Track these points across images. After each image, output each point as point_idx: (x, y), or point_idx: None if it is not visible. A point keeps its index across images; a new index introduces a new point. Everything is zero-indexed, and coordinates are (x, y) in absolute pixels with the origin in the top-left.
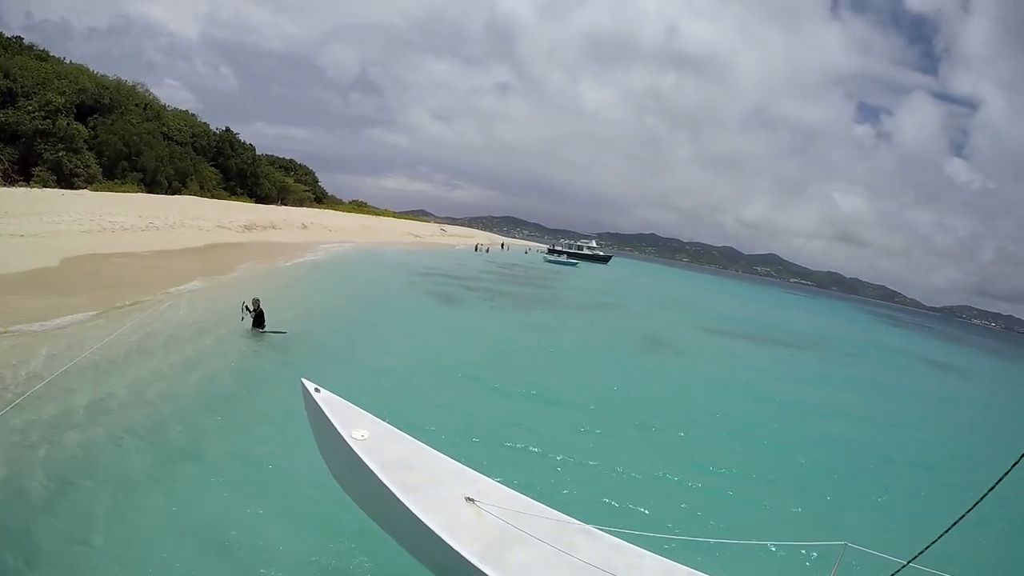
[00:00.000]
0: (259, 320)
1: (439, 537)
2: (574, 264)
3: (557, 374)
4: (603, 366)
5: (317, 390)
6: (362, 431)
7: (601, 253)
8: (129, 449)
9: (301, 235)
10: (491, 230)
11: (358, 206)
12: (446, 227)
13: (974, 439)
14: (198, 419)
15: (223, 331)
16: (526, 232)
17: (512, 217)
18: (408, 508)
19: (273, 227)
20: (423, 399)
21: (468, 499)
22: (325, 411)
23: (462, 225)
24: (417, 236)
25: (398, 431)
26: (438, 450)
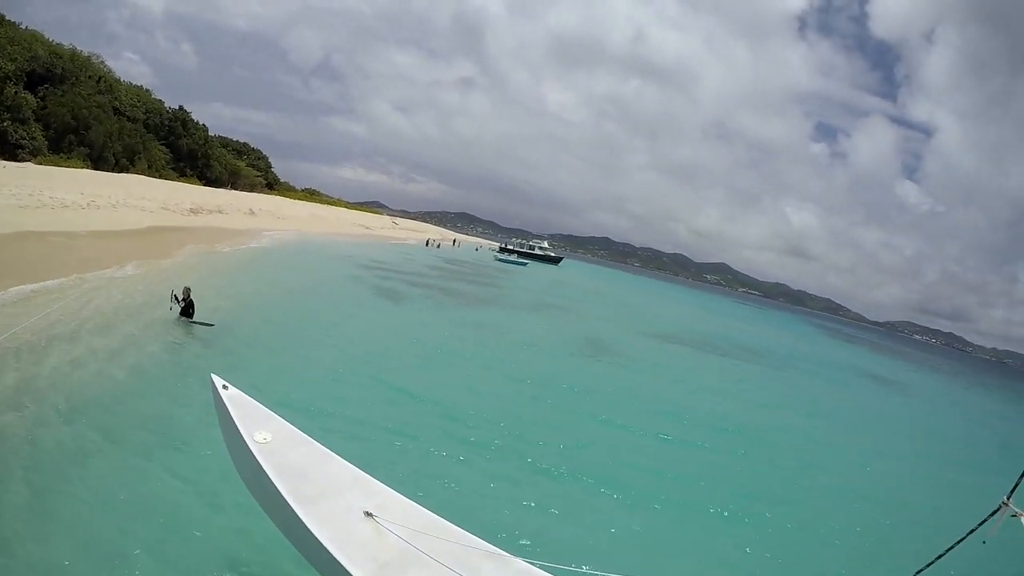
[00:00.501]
0: (188, 310)
1: (330, 554)
2: (524, 264)
3: (488, 380)
4: (539, 373)
5: (225, 387)
6: (265, 433)
7: (552, 254)
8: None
9: (248, 221)
10: (445, 225)
11: (310, 194)
12: (398, 220)
13: (923, 467)
14: (94, 418)
15: (145, 320)
16: (480, 229)
17: (467, 214)
18: (301, 519)
19: (219, 211)
20: (342, 401)
21: (367, 513)
22: (230, 410)
23: (416, 219)
24: (367, 228)
25: (303, 435)
26: (344, 457)
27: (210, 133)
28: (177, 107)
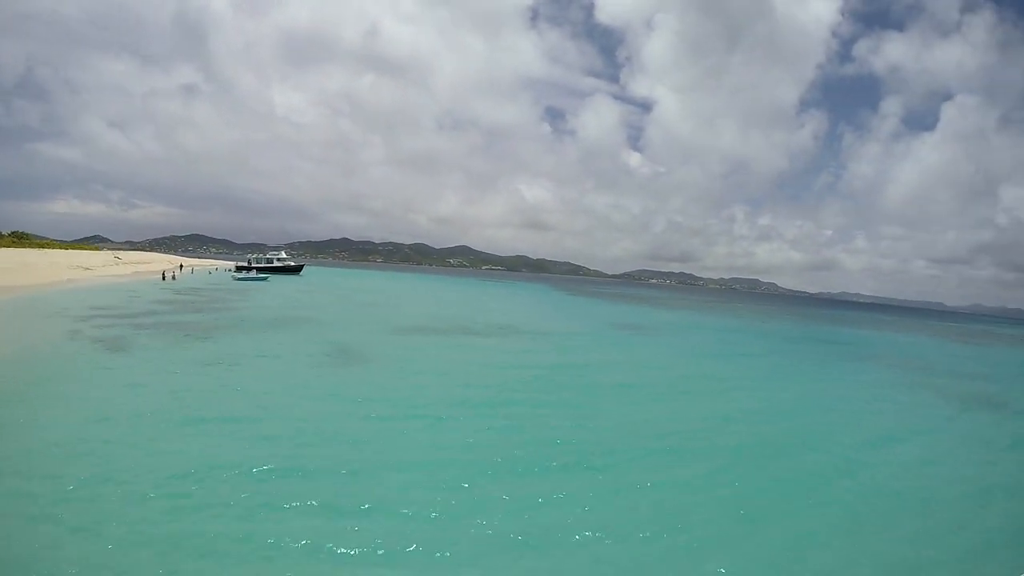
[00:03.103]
0: None
1: None
2: (265, 278)
3: (212, 427)
4: (279, 402)
5: None
6: None
7: (292, 263)
8: None
9: None
10: (175, 251)
11: (18, 239)
12: (121, 254)
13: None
14: None
15: None
16: (214, 250)
17: (198, 235)
18: None
19: None
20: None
21: None
22: None
23: (143, 249)
24: (88, 268)
25: None
26: None
27: None
28: None
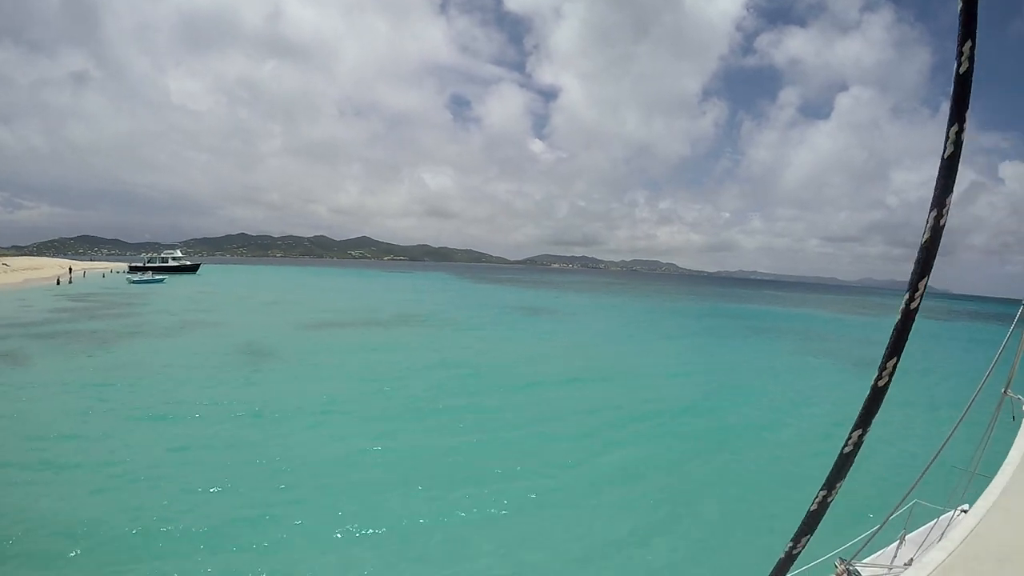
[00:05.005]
0: None
1: None
2: (161, 280)
3: (119, 454)
4: (185, 414)
5: None
6: None
7: (188, 262)
8: None
9: None
10: (65, 254)
11: None
12: (9, 260)
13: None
14: None
15: None
16: (106, 251)
17: (88, 236)
18: None
19: None
20: None
21: None
22: None
23: (30, 254)
24: None
25: None
26: None
27: None
28: None
